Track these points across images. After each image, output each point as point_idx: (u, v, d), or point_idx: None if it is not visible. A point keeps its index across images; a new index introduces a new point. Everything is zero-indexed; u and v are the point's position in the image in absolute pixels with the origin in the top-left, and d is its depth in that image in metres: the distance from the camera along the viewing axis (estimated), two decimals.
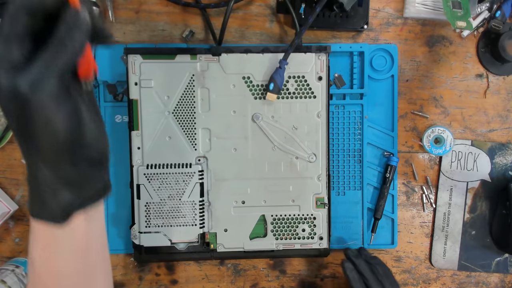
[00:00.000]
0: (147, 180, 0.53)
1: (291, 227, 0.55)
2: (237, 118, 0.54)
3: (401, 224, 0.64)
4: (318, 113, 0.54)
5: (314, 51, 0.54)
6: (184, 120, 0.54)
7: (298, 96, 0.54)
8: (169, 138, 0.53)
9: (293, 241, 0.55)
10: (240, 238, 0.55)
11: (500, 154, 0.64)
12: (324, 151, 0.55)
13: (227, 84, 0.53)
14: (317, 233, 0.55)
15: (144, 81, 0.53)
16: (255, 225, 0.55)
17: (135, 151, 0.53)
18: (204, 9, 0.60)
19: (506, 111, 0.63)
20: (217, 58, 0.53)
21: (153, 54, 0.53)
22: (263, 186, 0.55)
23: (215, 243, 0.55)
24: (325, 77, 0.54)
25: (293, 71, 0.54)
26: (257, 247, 0.55)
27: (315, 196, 0.55)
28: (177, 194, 0.53)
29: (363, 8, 0.59)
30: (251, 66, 0.53)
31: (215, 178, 0.54)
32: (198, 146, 0.54)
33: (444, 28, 0.62)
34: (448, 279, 0.64)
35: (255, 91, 0.54)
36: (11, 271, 0.57)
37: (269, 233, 0.55)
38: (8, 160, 0.61)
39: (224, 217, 0.54)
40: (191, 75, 0.53)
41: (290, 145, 0.54)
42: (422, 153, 0.63)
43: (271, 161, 0.55)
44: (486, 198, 0.64)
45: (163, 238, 0.53)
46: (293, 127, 0.54)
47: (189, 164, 0.53)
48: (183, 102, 0.53)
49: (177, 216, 0.53)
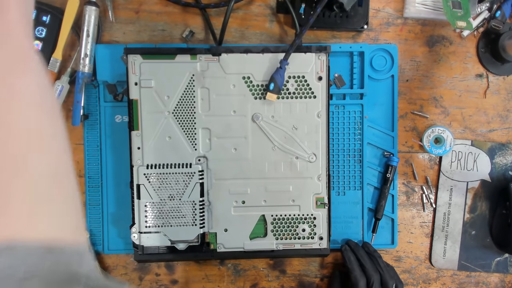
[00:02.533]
0: (147, 180, 0.53)
1: (291, 227, 0.55)
2: (237, 118, 0.54)
3: (401, 224, 0.64)
4: (318, 113, 0.54)
5: (314, 51, 0.54)
6: (184, 120, 0.53)
7: (298, 96, 0.54)
8: (169, 138, 0.53)
9: (293, 241, 0.55)
10: (240, 238, 0.55)
11: (500, 154, 0.64)
12: (324, 151, 0.55)
13: (227, 84, 0.53)
14: (317, 233, 0.55)
15: (144, 81, 0.53)
16: (255, 225, 0.55)
17: (135, 151, 0.53)
18: (204, 9, 0.60)
19: (506, 111, 0.63)
20: (217, 58, 0.53)
21: (153, 54, 0.53)
22: (263, 186, 0.55)
23: (215, 243, 0.54)
24: (325, 77, 0.54)
25: (293, 71, 0.54)
26: (257, 247, 0.55)
27: (315, 196, 0.55)
28: (177, 194, 0.53)
29: (363, 8, 0.59)
30: (251, 66, 0.53)
31: (215, 178, 0.54)
32: (198, 146, 0.54)
33: (444, 28, 0.62)
34: (448, 279, 0.64)
35: (255, 91, 0.54)
36: None
37: (269, 233, 0.55)
38: None
39: (224, 217, 0.54)
40: (191, 75, 0.53)
41: (290, 145, 0.54)
42: (422, 153, 0.63)
43: (271, 161, 0.54)
44: (486, 198, 0.64)
45: (163, 238, 0.53)
46: (293, 127, 0.54)
47: (189, 164, 0.53)
48: (183, 102, 0.53)
49: (177, 216, 0.53)
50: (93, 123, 0.60)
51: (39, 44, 0.59)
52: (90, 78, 0.58)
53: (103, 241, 0.60)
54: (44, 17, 0.59)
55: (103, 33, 0.60)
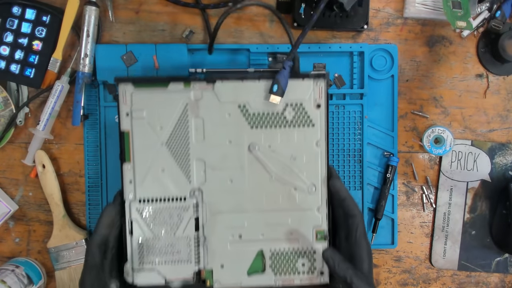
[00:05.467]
0: (140, 215, 0.50)
1: (291, 262, 0.52)
2: (233, 148, 0.51)
3: (401, 224, 0.64)
4: (317, 141, 0.51)
5: (312, 78, 0.51)
6: (177, 151, 0.51)
7: (296, 125, 0.51)
8: (162, 170, 0.51)
9: (293, 276, 0.52)
10: (237, 274, 0.52)
11: (500, 154, 0.64)
12: (324, 181, 0.52)
13: (222, 113, 0.51)
14: (317, 268, 0.52)
15: (136, 112, 0.50)
16: (253, 260, 0.52)
17: (127, 184, 0.50)
18: (204, 9, 0.60)
19: (506, 111, 0.63)
20: (212, 86, 0.51)
21: (145, 82, 0.50)
22: (261, 219, 0.52)
23: (211, 280, 0.52)
24: (323, 104, 0.51)
25: (290, 99, 0.51)
26: (255, 284, 0.52)
27: (315, 229, 0.52)
28: (171, 229, 0.51)
29: (363, 8, 0.59)
30: (247, 94, 0.51)
31: (211, 212, 0.51)
32: (193, 178, 0.51)
33: (444, 28, 0.62)
34: (448, 279, 0.64)
35: (252, 120, 0.51)
36: (11, 271, 0.57)
37: (268, 268, 0.52)
38: (8, 160, 0.61)
39: (220, 252, 0.52)
40: (185, 104, 0.50)
41: (288, 176, 0.52)
42: (422, 153, 0.63)
43: (269, 193, 0.52)
44: (486, 198, 0.64)
45: (157, 276, 0.51)
46: (291, 156, 0.51)
47: (183, 197, 0.51)
48: (176, 132, 0.51)
49: (171, 252, 0.51)
50: (93, 123, 0.60)
51: (39, 44, 0.59)
52: (90, 78, 0.58)
53: None
54: (44, 17, 0.59)
55: (103, 33, 0.60)
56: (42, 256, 0.62)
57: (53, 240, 0.60)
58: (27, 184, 0.62)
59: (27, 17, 0.59)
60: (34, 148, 0.59)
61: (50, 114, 0.58)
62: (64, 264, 0.60)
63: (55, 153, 0.61)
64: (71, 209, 0.62)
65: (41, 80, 0.59)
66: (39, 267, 0.61)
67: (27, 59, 0.59)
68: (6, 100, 0.59)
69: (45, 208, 0.61)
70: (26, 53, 0.59)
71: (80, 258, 0.60)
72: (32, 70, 0.59)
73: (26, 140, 0.61)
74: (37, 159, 0.59)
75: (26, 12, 0.58)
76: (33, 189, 0.62)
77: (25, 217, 0.62)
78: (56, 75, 0.59)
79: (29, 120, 0.61)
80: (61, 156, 0.61)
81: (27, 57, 0.59)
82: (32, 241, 0.62)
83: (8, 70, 0.59)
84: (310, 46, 0.60)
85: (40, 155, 0.59)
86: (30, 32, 0.59)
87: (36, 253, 0.62)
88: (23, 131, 0.61)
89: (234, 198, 0.52)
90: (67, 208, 0.61)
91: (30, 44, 0.59)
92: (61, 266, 0.60)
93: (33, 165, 0.60)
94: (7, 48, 0.59)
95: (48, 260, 0.61)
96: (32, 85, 0.60)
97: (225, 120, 0.51)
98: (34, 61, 0.59)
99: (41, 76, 0.59)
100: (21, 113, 0.60)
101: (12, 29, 0.58)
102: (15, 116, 0.59)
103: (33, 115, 0.61)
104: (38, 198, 0.62)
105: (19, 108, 0.60)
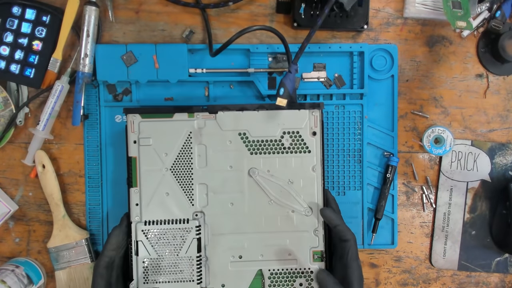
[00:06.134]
0: (145, 236, 0.53)
1: (289, 282, 0.55)
2: (234, 173, 0.54)
3: (401, 224, 0.64)
4: (313, 167, 0.55)
5: (308, 108, 0.54)
6: (181, 176, 0.54)
7: (293, 151, 0.55)
8: (167, 194, 0.54)
9: None
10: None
11: (500, 154, 0.64)
12: (320, 204, 0.55)
13: (224, 140, 0.54)
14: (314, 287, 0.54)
15: (142, 139, 0.53)
16: (252, 280, 0.55)
17: (134, 207, 0.53)
18: (204, 9, 0.60)
19: (506, 111, 0.63)
20: (214, 115, 0.54)
21: (152, 113, 0.54)
22: (260, 240, 0.55)
23: None
24: (319, 132, 0.54)
25: (287, 127, 0.54)
26: None
27: (312, 250, 0.55)
28: (174, 250, 0.53)
29: (363, 8, 0.59)
30: (247, 123, 0.54)
31: (212, 233, 0.54)
32: (196, 201, 0.54)
33: (444, 28, 0.62)
34: (448, 279, 0.64)
35: (251, 146, 0.54)
36: (11, 271, 0.57)
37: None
38: (8, 160, 0.61)
39: (221, 272, 0.54)
40: (189, 132, 0.54)
41: (286, 199, 0.55)
42: (422, 153, 0.63)
43: (268, 215, 0.55)
44: (486, 198, 0.64)
45: None
46: (289, 181, 0.55)
47: (186, 219, 0.54)
48: (180, 158, 0.54)
49: (175, 271, 0.53)
50: (93, 123, 0.60)
51: (39, 44, 0.59)
52: (90, 78, 0.58)
53: (103, 241, 0.60)
54: (44, 17, 0.59)
55: (103, 33, 0.60)
56: (42, 256, 0.62)
57: (53, 240, 0.60)
58: (27, 184, 0.62)
59: (27, 17, 0.59)
60: (34, 148, 0.59)
61: (50, 114, 0.58)
62: (64, 264, 0.60)
63: (55, 153, 0.61)
64: (71, 209, 0.62)
65: (41, 80, 0.59)
66: (39, 267, 0.61)
67: (27, 59, 0.59)
68: (6, 100, 0.59)
69: (45, 208, 0.62)
70: (26, 53, 0.59)
71: (80, 258, 0.60)
72: (32, 70, 0.59)
73: (26, 140, 0.61)
74: (37, 159, 0.59)
75: (26, 12, 0.58)
76: (33, 189, 0.62)
77: (25, 217, 0.62)
78: (56, 75, 0.59)
79: (29, 120, 0.61)
80: (61, 156, 0.61)
81: (27, 57, 0.59)
82: (32, 241, 0.62)
83: (8, 70, 0.59)
84: (310, 46, 0.60)
85: (40, 155, 0.59)
86: (30, 32, 0.59)
87: (36, 253, 0.62)
88: (23, 131, 0.61)
89: (235, 220, 0.55)
90: (67, 208, 0.61)
91: (30, 44, 0.59)
92: (61, 266, 0.60)
93: (33, 165, 0.60)
94: (7, 48, 0.59)
95: (48, 260, 0.61)
96: (32, 85, 0.60)
97: (226, 147, 0.54)
98: (34, 61, 0.59)
99: (41, 76, 0.59)
100: (21, 113, 0.60)
101: (12, 29, 0.58)
102: (15, 116, 0.59)
103: (33, 115, 0.61)
104: (38, 198, 0.62)
105: (19, 108, 0.60)
